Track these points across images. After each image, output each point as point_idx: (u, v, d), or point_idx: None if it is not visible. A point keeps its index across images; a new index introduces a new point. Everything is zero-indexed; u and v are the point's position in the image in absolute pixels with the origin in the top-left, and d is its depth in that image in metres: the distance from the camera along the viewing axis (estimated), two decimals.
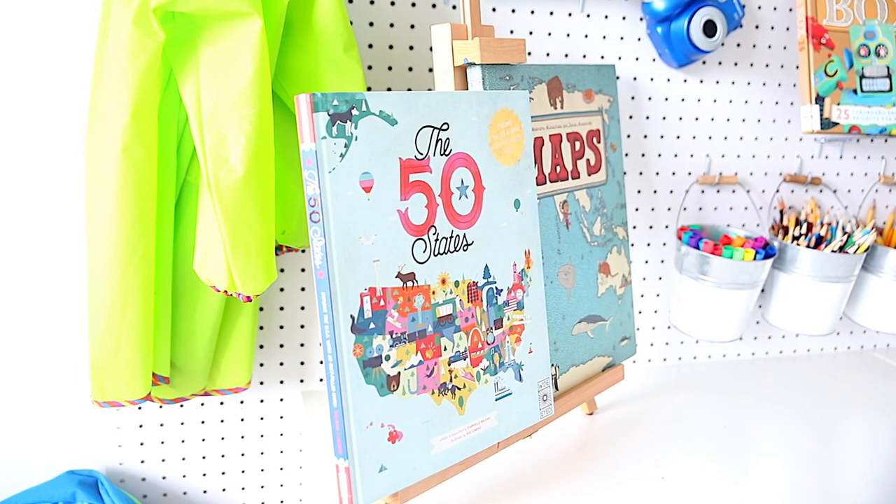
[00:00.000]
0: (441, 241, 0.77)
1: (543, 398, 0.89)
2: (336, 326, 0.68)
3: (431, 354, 0.76)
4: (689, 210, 1.23)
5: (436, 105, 0.76)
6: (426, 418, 0.75)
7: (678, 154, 1.21)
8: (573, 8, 1.11)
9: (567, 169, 0.97)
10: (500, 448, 0.87)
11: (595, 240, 1.01)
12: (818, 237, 1.20)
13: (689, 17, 1.08)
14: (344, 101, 0.68)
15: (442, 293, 0.77)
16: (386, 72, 1.05)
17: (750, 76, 1.22)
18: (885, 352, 1.42)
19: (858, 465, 1.00)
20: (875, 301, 1.27)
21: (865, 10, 1.19)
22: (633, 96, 1.16)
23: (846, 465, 1.00)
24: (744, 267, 1.12)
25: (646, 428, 1.07)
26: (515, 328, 0.85)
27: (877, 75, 1.19)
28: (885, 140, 1.31)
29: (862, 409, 1.17)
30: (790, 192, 1.28)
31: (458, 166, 0.78)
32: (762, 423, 1.10)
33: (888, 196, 1.34)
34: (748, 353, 1.34)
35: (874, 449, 1.04)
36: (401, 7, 1.03)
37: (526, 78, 0.92)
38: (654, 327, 1.27)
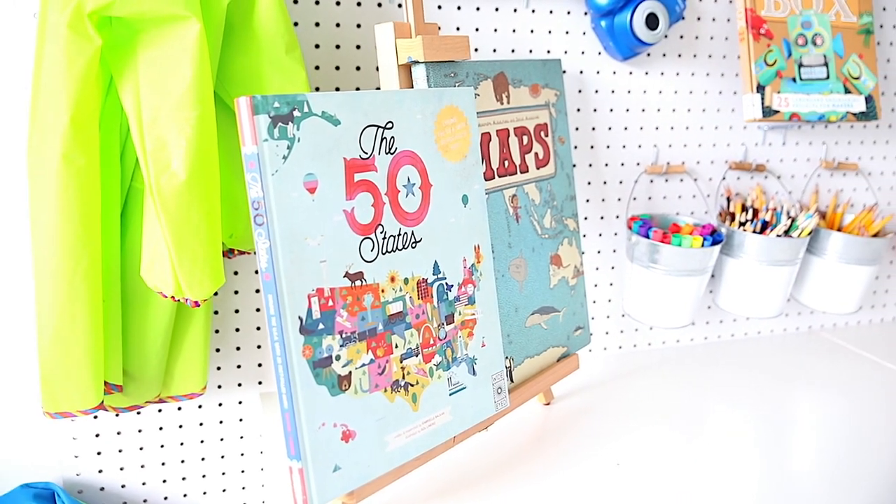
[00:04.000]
0: (389, 239, 0.77)
1: (498, 391, 0.90)
2: (284, 328, 0.68)
3: (383, 352, 0.76)
4: (638, 200, 1.25)
5: (379, 104, 0.77)
6: (379, 416, 0.76)
7: (626, 145, 1.22)
8: (518, 4, 1.11)
9: (515, 163, 0.98)
10: (456, 442, 0.88)
11: (546, 232, 1.03)
12: (764, 222, 1.23)
13: (632, 11, 1.10)
14: (285, 102, 0.68)
15: (391, 291, 0.77)
16: (334, 71, 1.05)
17: (694, 67, 1.24)
18: (832, 331, 1.45)
19: (812, 443, 1.02)
20: (820, 282, 1.30)
21: (802, 0, 1.22)
22: (581, 90, 1.18)
23: (800, 444, 1.02)
24: (692, 254, 1.14)
25: (602, 415, 1.08)
26: (467, 323, 0.86)
27: (814, 64, 1.22)
28: (824, 126, 1.34)
29: (812, 387, 1.20)
30: (736, 179, 1.31)
31: (404, 164, 0.79)
32: (716, 406, 1.12)
33: (830, 180, 1.38)
34: (701, 338, 1.37)
35: (826, 426, 1.07)
36: (346, 7, 1.03)
37: (471, 74, 0.92)
38: (609, 316, 1.29)
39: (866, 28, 1.26)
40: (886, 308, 1.52)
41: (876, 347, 1.38)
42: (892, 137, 1.40)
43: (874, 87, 1.26)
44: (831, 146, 1.36)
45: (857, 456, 1.00)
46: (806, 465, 0.97)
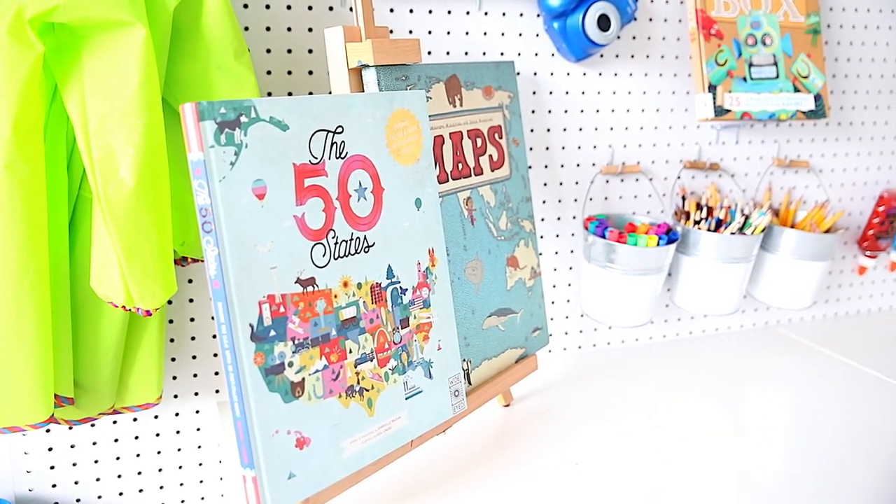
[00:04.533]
0: (341, 244, 0.77)
1: (455, 394, 0.90)
2: (235, 336, 0.67)
3: (336, 358, 0.76)
4: (595, 200, 1.26)
5: (329, 108, 0.76)
6: (334, 422, 0.76)
7: (581, 146, 1.23)
8: (471, 6, 1.12)
9: (469, 166, 0.98)
10: (413, 446, 0.88)
11: (501, 234, 1.03)
12: (718, 220, 1.24)
13: (584, 12, 1.10)
14: (232, 108, 0.67)
15: (344, 296, 0.77)
16: (286, 76, 1.04)
17: (647, 67, 1.25)
18: (788, 326, 1.48)
19: (771, 437, 1.04)
20: (775, 278, 1.32)
21: (751, 1, 1.23)
22: (535, 91, 1.18)
23: (759, 439, 1.03)
24: (648, 253, 1.15)
25: (561, 415, 1.09)
26: (422, 326, 0.86)
27: (764, 63, 1.24)
28: (776, 124, 1.36)
29: (770, 382, 1.21)
30: (691, 178, 1.32)
31: (356, 169, 0.79)
32: (675, 404, 1.13)
33: (782, 178, 1.40)
34: (659, 336, 1.38)
35: (784, 419, 1.09)
36: (298, 11, 1.03)
37: (423, 77, 0.92)
38: (568, 316, 1.29)
39: (814, 28, 1.28)
40: (840, 302, 1.54)
41: (830, 341, 1.40)
42: (841, 135, 1.43)
43: (823, 85, 1.28)
44: (783, 144, 1.38)
45: (814, 448, 1.01)
46: (766, 459, 0.99)
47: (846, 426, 1.07)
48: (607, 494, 0.90)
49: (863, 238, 1.50)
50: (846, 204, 1.48)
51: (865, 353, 1.34)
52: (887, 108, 1.46)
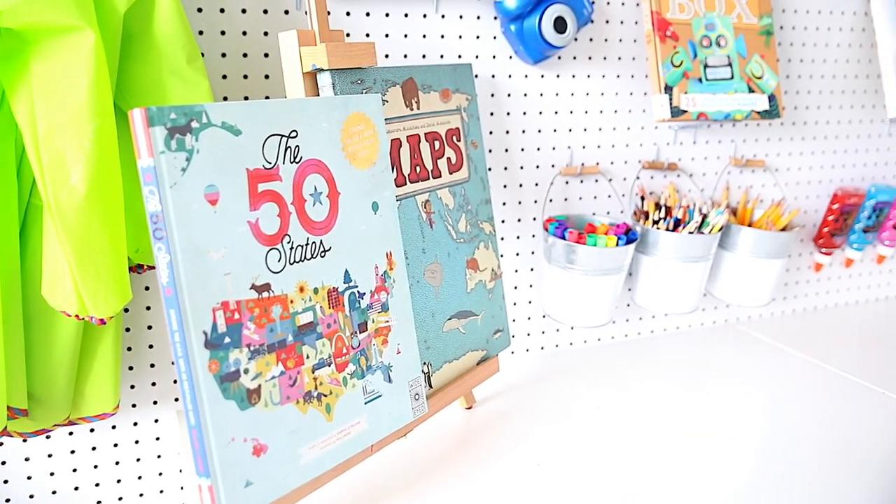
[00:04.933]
0: (296, 249, 0.76)
1: (415, 397, 0.90)
2: (188, 344, 0.67)
3: (293, 364, 0.76)
4: (555, 201, 1.27)
5: (282, 113, 0.76)
6: (292, 428, 0.75)
7: (541, 147, 1.24)
8: (427, 9, 1.12)
9: (427, 169, 0.98)
10: (373, 451, 0.87)
11: (461, 237, 1.03)
12: (676, 220, 1.25)
13: (540, 15, 1.11)
14: (182, 113, 0.67)
15: (301, 301, 0.77)
16: (242, 80, 1.03)
17: (604, 69, 1.26)
18: (747, 323, 1.50)
19: (733, 434, 1.05)
20: (733, 276, 1.34)
21: (705, 3, 1.25)
22: (493, 93, 1.18)
23: (722, 436, 1.05)
24: (608, 253, 1.16)
25: (524, 417, 1.09)
26: (381, 330, 0.86)
27: (719, 64, 1.25)
28: (732, 125, 1.38)
29: (731, 379, 1.23)
30: (650, 179, 1.34)
31: (311, 173, 0.78)
32: (637, 402, 1.14)
33: (740, 177, 1.42)
34: (621, 336, 1.39)
35: (745, 415, 1.10)
36: (252, 15, 1.02)
37: (379, 81, 0.92)
38: (530, 317, 1.30)
39: (767, 29, 1.30)
40: (797, 299, 1.57)
41: (788, 337, 1.42)
42: (795, 135, 1.45)
43: (776, 86, 1.30)
44: (739, 144, 1.40)
45: (777, 443, 1.02)
46: (729, 456, 1.00)
47: (807, 421, 1.09)
48: (569, 495, 0.90)
49: (818, 235, 1.53)
50: (802, 202, 1.50)
51: (823, 349, 1.37)
52: (839, 108, 1.48)
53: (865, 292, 1.65)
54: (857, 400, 1.16)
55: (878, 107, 1.52)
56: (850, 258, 1.59)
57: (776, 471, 0.96)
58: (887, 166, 1.57)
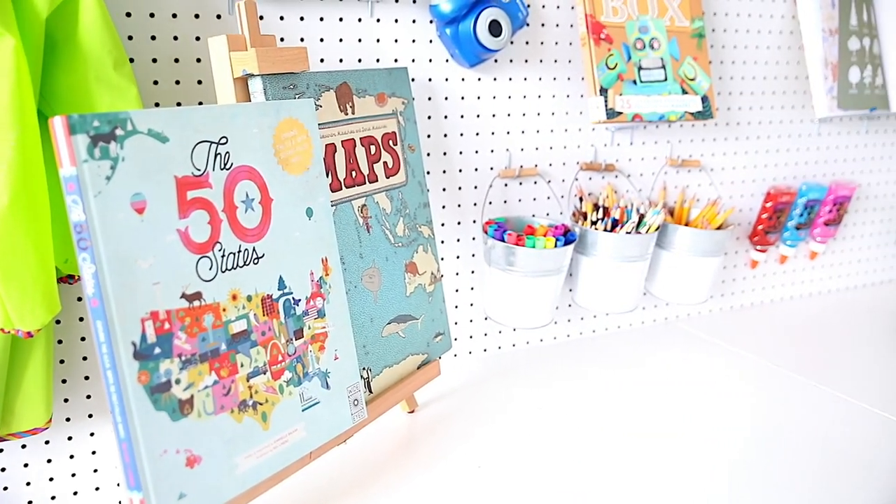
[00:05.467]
0: (228, 256, 0.75)
1: (354, 403, 0.89)
2: (116, 355, 0.65)
3: (227, 373, 0.75)
4: (494, 204, 1.27)
5: (211, 119, 0.75)
6: (227, 438, 0.74)
7: (479, 150, 1.24)
8: (362, 13, 1.11)
9: (363, 173, 0.98)
10: (313, 458, 0.87)
11: (399, 241, 1.03)
12: (614, 220, 1.27)
13: (475, 19, 1.12)
14: (106, 121, 0.65)
15: (234, 309, 0.76)
16: (174, 86, 1.02)
17: (541, 72, 1.27)
18: (687, 320, 1.52)
19: (675, 433, 1.07)
20: (671, 275, 1.36)
21: (638, 6, 1.27)
22: (430, 97, 1.19)
23: (663, 433, 1.06)
24: (547, 255, 1.17)
25: (466, 419, 1.09)
26: (318, 337, 0.85)
27: (652, 66, 1.27)
28: (668, 125, 1.40)
29: (671, 376, 1.25)
30: (588, 180, 1.35)
31: (242, 179, 0.77)
32: (580, 402, 1.15)
33: (676, 177, 1.44)
34: (563, 336, 1.40)
35: (685, 411, 1.12)
36: (184, 19, 1.01)
37: (312, 86, 0.92)
38: (472, 320, 1.30)
39: (699, 32, 1.32)
40: (735, 296, 1.60)
41: (726, 333, 1.45)
42: (729, 135, 1.48)
43: (709, 87, 1.33)
44: (675, 144, 1.42)
45: (717, 437, 1.04)
46: (670, 453, 1.01)
47: (745, 415, 1.11)
48: (510, 496, 0.91)
49: (753, 233, 1.56)
50: (736, 201, 1.53)
51: (760, 344, 1.40)
52: (770, 109, 1.52)
53: (800, 287, 1.69)
54: (792, 393, 1.19)
55: (807, 107, 1.56)
56: (785, 255, 1.63)
57: (716, 465, 0.98)
58: (817, 165, 1.62)
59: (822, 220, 1.61)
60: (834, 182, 1.63)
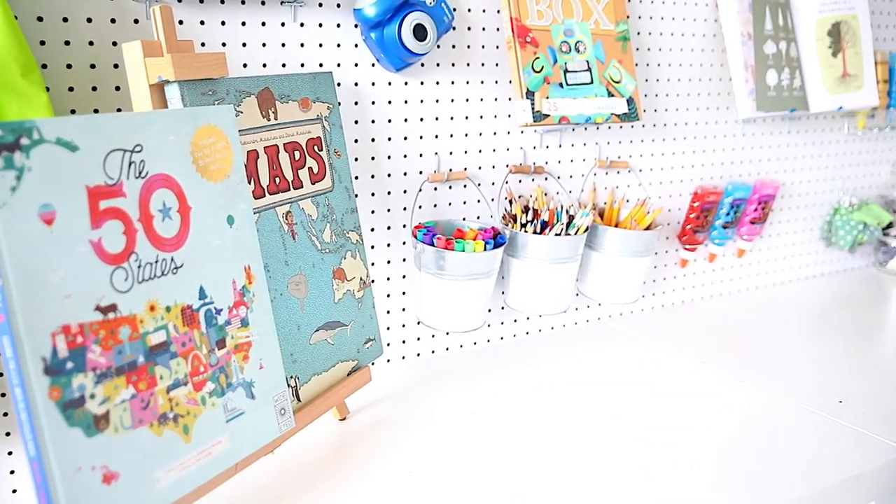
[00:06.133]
0: (145, 267, 0.74)
1: (281, 412, 0.88)
2: (25, 372, 0.63)
3: (145, 386, 0.73)
4: (425, 208, 1.27)
5: (125, 127, 0.73)
6: (146, 452, 0.72)
7: (407, 155, 1.24)
8: (286, 18, 1.10)
9: (287, 179, 0.97)
10: (238, 469, 0.85)
11: (326, 247, 1.02)
12: (543, 222, 1.28)
13: (399, 23, 1.11)
14: (10, 130, 0.63)
15: (152, 321, 0.74)
16: (91, 92, 0.99)
17: (468, 75, 1.27)
18: (619, 320, 1.54)
19: (608, 432, 1.08)
20: (602, 276, 1.38)
21: (563, 10, 1.28)
22: (357, 102, 1.18)
23: (596, 434, 1.07)
24: (476, 258, 1.17)
25: (398, 425, 1.09)
26: (241, 346, 0.84)
27: (578, 69, 1.29)
28: (596, 127, 1.42)
29: (604, 376, 1.26)
30: (518, 182, 1.36)
31: (158, 188, 0.76)
32: (511, 404, 1.15)
33: (605, 178, 1.46)
34: (497, 338, 1.41)
35: (621, 413, 1.13)
36: (99, 24, 0.98)
37: (232, 92, 0.90)
38: (405, 325, 1.30)
39: (623, 35, 1.34)
40: (666, 294, 1.63)
41: (658, 332, 1.48)
42: (656, 136, 1.51)
43: (634, 89, 1.35)
44: (604, 146, 1.44)
45: (650, 435, 1.06)
46: (605, 452, 1.02)
47: (677, 412, 1.13)
48: (442, 501, 0.91)
49: (682, 233, 1.59)
50: (665, 201, 1.56)
51: (690, 342, 1.42)
52: (696, 110, 1.55)
53: (729, 285, 1.73)
54: (720, 388, 1.22)
55: (731, 108, 1.60)
56: (713, 253, 1.67)
57: (648, 462, 0.99)
58: (742, 164, 1.66)
59: (749, 219, 1.65)
60: (759, 181, 1.67)
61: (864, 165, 1.88)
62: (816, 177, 1.80)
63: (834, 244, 1.85)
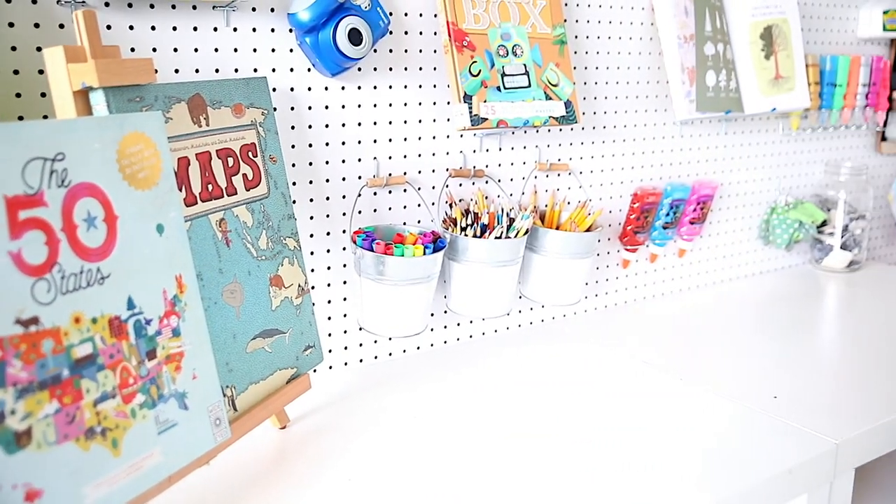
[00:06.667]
0: (69, 278, 0.72)
1: (216, 422, 0.87)
2: None
3: (70, 400, 0.71)
4: (365, 213, 1.27)
5: (45, 135, 0.71)
6: (73, 468, 0.70)
7: (346, 160, 1.23)
8: (218, 22, 1.09)
9: (221, 186, 0.96)
10: (172, 482, 0.84)
11: (262, 254, 1.01)
12: (483, 226, 1.28)
13: (334, 27, 1.11)
14: None
15: (77, 333, 0.72)
16: (14, 99, 0.97)
17: (406, 80, 1.27)
18: (562, 321, 1.55)
19: (552, 433, 1.08)
20: (544, 278, 1.39)
21: (500, 14, 1.29)
22: (293, 107, 1.17)
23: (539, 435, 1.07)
24: (416, 262, 1.17)
25: (340, 432, 1.08)
26: (173, 356, 0.82)
27: (516, 73, 1.29)
28: (536, 130, 1.43)
29: (546, 377, 1.27)
30: (459, 186, 1.36)
31: (83, 197, 0.74)
32: (454, 408, 1.15)
33: (546, 181, 1.47)
34: (440, 342, 1.41)
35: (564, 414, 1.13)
36: (22, 29, 0.96)
37: (161, 98, 0.89)
38: (346, 331, 1.29)
39: (560, 38, 1.36)
40: (608, 295, 1.64)
41: (600, 333, 1.49)
42: (596, 138, 1.52)
43: (572, 92, 1.36)
44: (544, 149, 1.45)
45: (593, 436, 1.06)
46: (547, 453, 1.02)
47: (619, 412, 1.14)
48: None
49: (623, 234, 1.61)
50: (606, 202, 1.58)
51: (632, 342, 1.44)
52: (635, 112, 1.57)
53: (670, 284, 1.75)
54: (662, 387, 1.23)
55: (669, 110, 1.63)
56: (655, 254, 1.69)
57: (592, 461, 1.00)
58: (681, 165, 1.68)
59: (688, 219, 1.67)
60: (697, 182, 1.69)
61: (799, 165, 1.92)
62: (753, 177, 1.84)
63: (771, 243, 1.89)
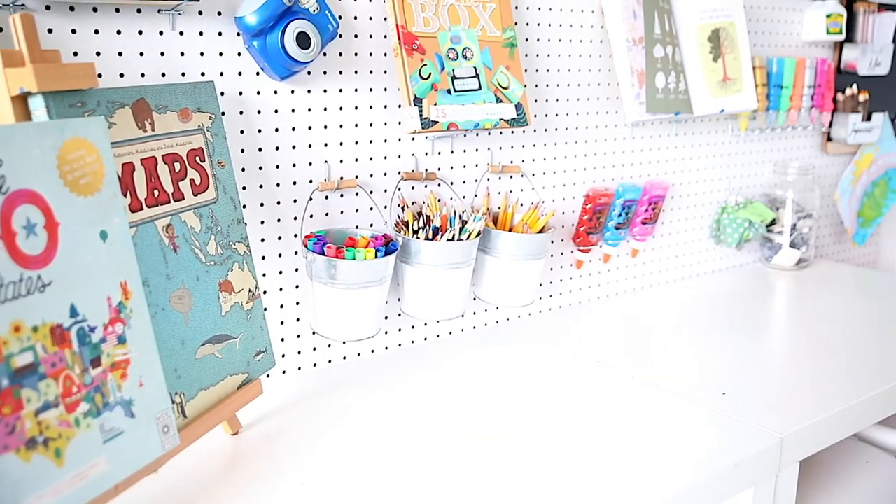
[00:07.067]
0: (8, 286, 0.71)
1: (164, 430, 0.86)
2: None
3: (10, 410, 0.70)
4: (316, 217, 1.26)
5: None
6: (14, 479, 0.69)
7: (297, 164, 1.23)
8: (164, 26, 1.08)
9: (167, 192, 0.95)
10: (119, 490, 0.83)
11: (211, 259, 1.00)
12: (435, 228, 1.29)
13: (282, 31, 1.10)
14: None
15: (17, 342, 0.71)
16: None
17: (356, 83, 1.27)
18: (516, 322, 1.56)
19: (507, 434, 1.09)
20: (497, 279, 1.40)
21: (449, 17, 1.29)
22: (242, 111, 1.16)
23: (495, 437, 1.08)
24: (368, 266, 1.17)
25: (293, 437, 1.08)
26: (119, 364, 0.81)
27: (466, 76, 1.30)
28: (488, 133, 1.44)
29: (501, 378, 1.28)
30: (411, 189, 1.36)
31: (21, 204, 0.73)
32: (408, 411, 1.16)
33: (499, 183, 1.48)
34: (394, 345, 1.41)
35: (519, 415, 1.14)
36: None
37: (104, 103, 0.88)
38: (299, 335, 1.29)
39: (510, 41, 1.37)
40: (563, 295, 1.66)
41: (554, 333, 1.50)
42: (548, 140, 1.54)
43: (522, 95, 1.37)
44: (496, 151, 1.46)
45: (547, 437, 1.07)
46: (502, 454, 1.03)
47: (574, 412, 1.15)
48: None
49: (576, 235, 1.62)
50: (558, 204, 1.59)
51: (586, 342, 1.45)
52: (586, 114, 1.59)
53: (623, 284, 1.77)
54: (615, 386, 1.25)
55: (619, 112, 1.65)
56: (608, 254, 1.71)
57: (547, 460, 1.01)
58: (633, 166, 1.70)
59: (640, 219, 1.69)
60: (648, 182, 1.72)
61: (748, 165, 1.96)
62: (703, 177, 1.87)
63: (722, 242, 1.92)
